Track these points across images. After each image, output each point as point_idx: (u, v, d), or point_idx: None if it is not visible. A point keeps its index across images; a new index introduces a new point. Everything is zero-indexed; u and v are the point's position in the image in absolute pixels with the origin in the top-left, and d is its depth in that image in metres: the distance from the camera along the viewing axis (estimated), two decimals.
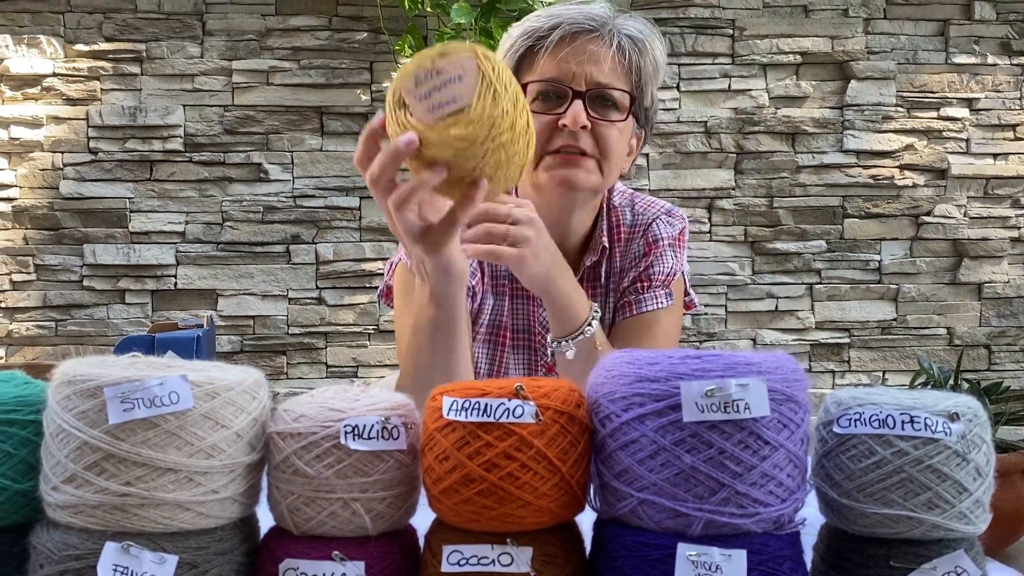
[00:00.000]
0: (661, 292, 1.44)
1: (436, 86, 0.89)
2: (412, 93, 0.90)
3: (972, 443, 0.76)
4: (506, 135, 0.90)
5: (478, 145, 0.89)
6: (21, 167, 3.23)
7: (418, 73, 0.90)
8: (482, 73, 0.89)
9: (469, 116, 0.88)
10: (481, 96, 0.88)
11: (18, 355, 3.23)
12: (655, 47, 1.36)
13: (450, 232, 1.00)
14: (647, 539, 0.74)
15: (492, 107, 0.88)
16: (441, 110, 0.88)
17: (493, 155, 0.90)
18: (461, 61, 0.89)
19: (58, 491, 0.74)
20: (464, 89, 0.88)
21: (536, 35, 1.31)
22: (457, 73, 0.89)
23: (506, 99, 0.89)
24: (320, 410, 0.77)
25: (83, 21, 3.25)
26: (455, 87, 0.89)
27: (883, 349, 3.50)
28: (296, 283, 3.31)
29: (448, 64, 0.89)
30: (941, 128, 3.47)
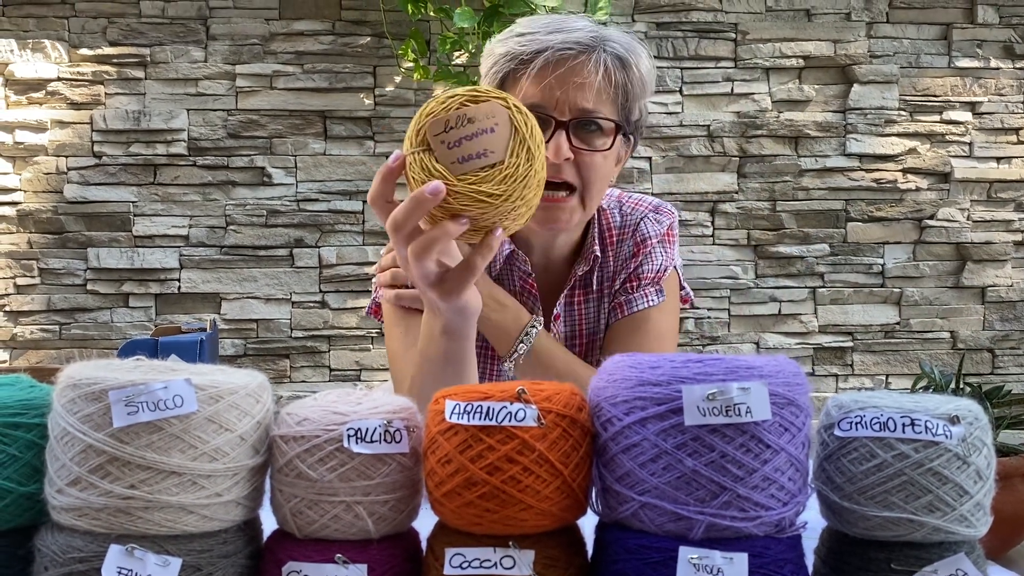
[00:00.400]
0: (651, 290, 1.43)
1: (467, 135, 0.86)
2: (440, 139, 0.86)
3: (973, 446, 0.76)
4: (532, 192, 0.88)
5: (509, 203, 0.87)
6: (25, 171, 3.24)
7: (449, 117, 0.86)
8: (515, 127, 0.86)
9: (503, 173, 0.85)
10: (515, 153, 0.86)
11: (22, 359, 3.24)
12: (641, 62, 1.32)
13: (467, 278, 0.98)
14: (649, 542, 0.74)
15: (525, 166, 0.86)
16: (472, 163, 0.86)
17: (515, 210, 0.89)
18: (494, 111, 0.86)
19: (63, 494, 0.74)
20: (497, 143, 0.86)
21: (518, 58, 1.27)
22: (490, 124, 0.86)
23: (539, 160, 0.87)
24: (323, 413, 0.77)
25: (87, 26, 3.26)
26: (487, 139, 0.86)
27: (886, 353, 3.49)
28: (299, 287, 3.32)
29: (480, 113, 0.86)
30: (944, 132, 3.47)
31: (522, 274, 1.42)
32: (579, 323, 1.46)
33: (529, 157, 0.86)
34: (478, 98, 0.87)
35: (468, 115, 0.86)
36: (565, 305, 1.45)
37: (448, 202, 0.87)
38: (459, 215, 0.88)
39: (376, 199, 0.95)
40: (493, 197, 0.86)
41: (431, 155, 0.87)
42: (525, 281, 1.42)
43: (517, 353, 1.32)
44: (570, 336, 1.46)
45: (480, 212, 0.87)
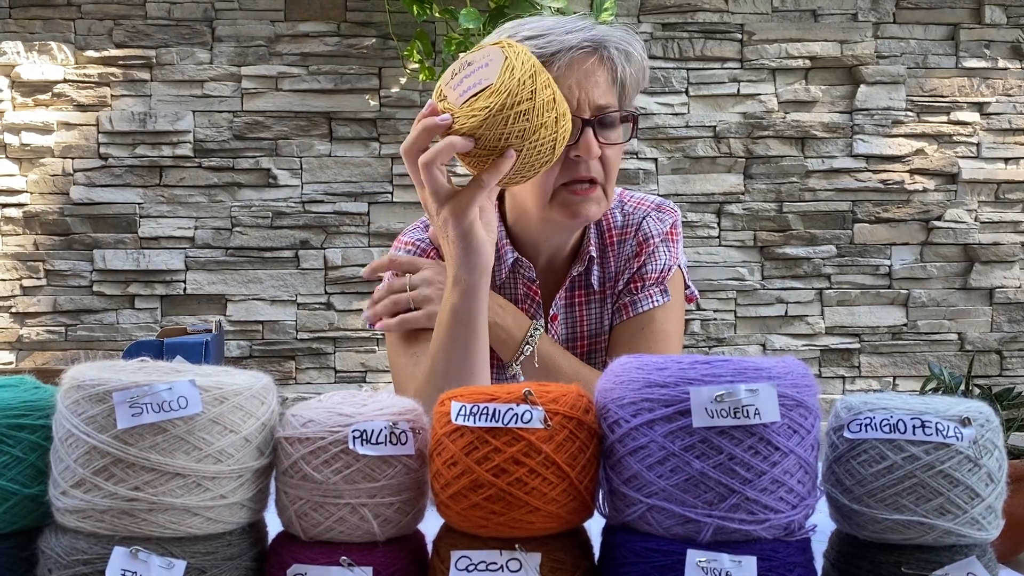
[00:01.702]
0: (655, 290, 1.43)
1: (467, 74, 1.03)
2: (450, 85, 1.04)
3: (984, 448, 0.75)
4: (525, 104, 1.01)
5: (500, 113, 1.00)
6: (32, 173, 3.25)
7: (454, 67, 1.06)
8: (505, 56, 1.02)
9: (492, 90, 1.01)
10: (501, 73, 1.01)
11: (28, 360, 3.24)
12: (641, 53, 1.34)
13: (475, 195, 1.08)
14: (656, 545, 0.73)
15: (509, 79, 1.00)
16: (469, 91, 1.02)
17: (516, 123, 1.01)
18: (488, 52, 1.04)
19: (67, 496, 0.74)
20: (490, 72, 1.02)
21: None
22: (484, 61, 1.03)
23: (522, 71, 1.01)
24: (328, 415, 0.77)
25: (93, 28, 3.27)
26: (482, 72, 1.02)
27: (893, 355, 3.48)
28: (305, 288, 3.32)
29: (477, 55, 1.04)
30: (951, 132, 3.46)
31: (526, 281, 1.42)
32: (580, 324, 1.46)
33: (512, 71, 1.01)
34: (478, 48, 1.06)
35: (468, 60, 1.05)
36: (565, 306, 1.45)
37: (455, 129, 1.03)
38: (467, 136, 1.03)
39: (410, 149, 1.09)
40: (483, 109, 1.01)
41: (446, 101, 1.05)
42: (529, 287, 1.43)
43: (523, 355, 1.33)
44: (570, 337, 1.46)
45: (478, 125, 1.01)
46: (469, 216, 1.09)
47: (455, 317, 1.14)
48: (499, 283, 1.43)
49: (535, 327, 1.34)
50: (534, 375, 1.33)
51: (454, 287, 1.13)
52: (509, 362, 1.34)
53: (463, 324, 1.14)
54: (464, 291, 1.12)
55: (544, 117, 1.02)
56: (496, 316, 1.32)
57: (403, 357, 1.36)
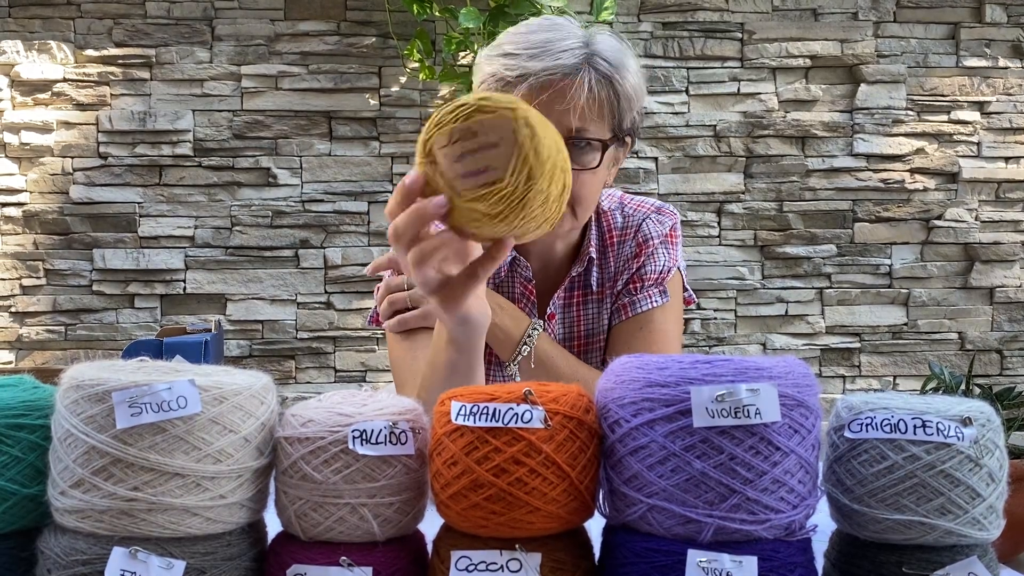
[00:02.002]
0: (655, 291, 1.43)
1: (470, 149, 0.82)
2: (445, 152, 0.83)
3: (985, 448, 0.75)
4: (537, 211, 0.84)
5: (507, 222, 0.83)
6: (31, 172, 3.25)
7: (453, 130, 0.82)
8: (518, 144, 0.81)
9: (500, 192, 0.81)
10: (515, 172, 0.81)
11: (28, 359, 3.24)
12: (628, 75, 1.30)
13: (469, 288, 0.95)
14: (657, 545, 0.73)
15: (525, 183, 0.81)
16: (471, 179, 0.82)
17: (523, 224, 0.84)
18: (499, 125, 0.82)
19: (66, 496, 0.74)
20: (499, 159, 0.81)
21: (505, 81, 1.26)
22: (494, 139, 0.81)
23: (541, 171, 0.82)
24: (328, 415, 0.77)
25: (93, 27, 3.26)
26: (490, 155, 0.82)
27: (894, 354, 3.48)
28: (305, 288, 3.32)
29: (485, 127, 0.82)
30: (952, 131, 3.46)
31: (523, 280, 1.43)
32: (577, 324, 1.46)
33: (530, 176, 0.81)
34: (484, 108, 0.82)
35: (472, 128, 0.82)
36: (563, 306, 1.45)
37: (451, 215, 0.85)
38: (461, 231, 0.86)
39: (393, 211, 0.92)
40: (489, 217, 0.83)
41: (436, 168, 0.84)
42: (525, 287, 1.43)
43: (520, 355, 1.32)
44: (567, 337, 1.46)
45: (477, 229, 0.85)
46: (464, 306, 0.98)
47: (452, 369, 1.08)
48: (496, 282, 1.43)
49: (533, 327, 1.33)
50: (532, 375, 1.32)
51: (450, 345, 1.06)
52: (507, 362, 1.33)
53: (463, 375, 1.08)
54: (462, 349, 1.06)
55: (550, 212, 0.85)
56: (495, 316, 1.31)
57: (402, 353, 1.36)
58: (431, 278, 0.94)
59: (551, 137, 0.84)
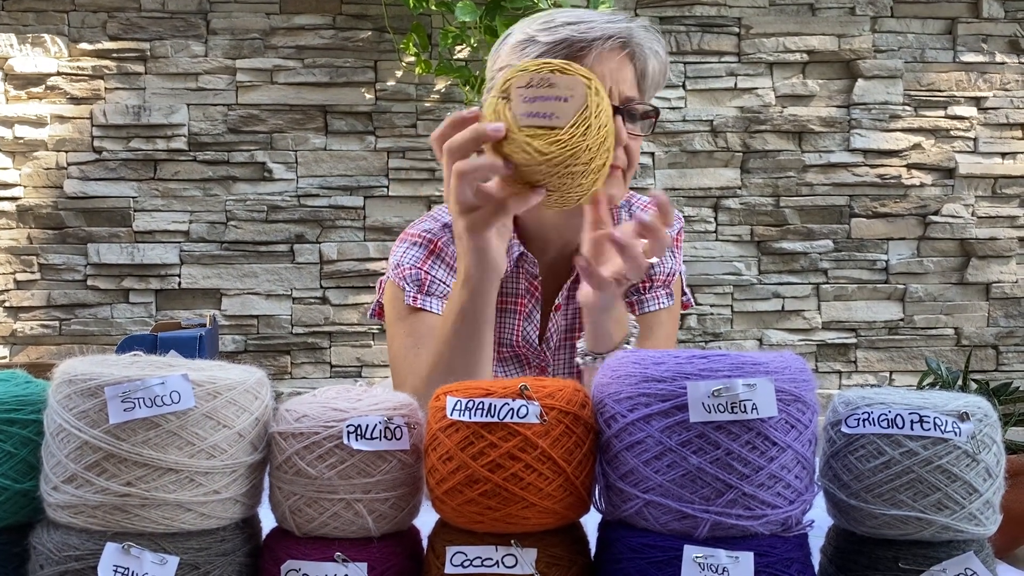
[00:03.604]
0: (662, 292, 1.45)
1: (542, 96, 0.93)
2: (520, 91, 0.94)
3: (982, 443, 0.75)
4: (579, 168, 0.93)
5: (551, 165, 0.92)
6: (25, 166, 3.23)
7: (534, 76, 0.94)
8: (586, 104, 0.92)
9: (556, 137, 0.91)
10: (575, 125, 0.91)
11: (22, 354, 3.23)
12: (662, 52, 1.37)
13: (495, 217, 1.02)
14: (653, 541, 0.73)
15: (580, 138, 0.92)
16: (535, 119, 0.92)
17: (560, 179, 0.94)
18: (574, 84, 0.93)
19: (58, 491, 0.73)
20: (565, 110, 0.92)
21: (579, 45, 1.28)
22: (566, 94, 0.92)
23: (594, 136, 0.92)
24: (322, 410, 0.76)
25: (87, 20, 3.25)
26: (558, 105, 0.92)
27: (890, 349, 3.48)
28: (300, 282, 3.31)
29: (563, 81, 0.93)
30: (949, 127, 3.46)
31: (529, 276, 1.42)
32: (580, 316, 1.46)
33: (587, 132, 0.92)
34: (566, 70, 0.94)
35: (551, 80, 0.93)
36: (568, 297, 1.45)
37: (502, 146, 0.94)
38: (507, 160, 0.95)
39: (438, 138, 1.02)
40: (539, 153, 0.92)
41: (507, 103, 0.94)
42: (530, 283, 1.43)
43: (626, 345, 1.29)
44: (569, 328, 1.46)
45: (524, 163, 0.93)
46: (486, 235, 1.06)
47: (463, 315, 1.13)
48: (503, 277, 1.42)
49: (634, 325, 1.29)
50: None
51: (464, 286, 1.11)
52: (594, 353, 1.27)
53: (470, 322, 1.13)
54: (474, 291, 1.11)
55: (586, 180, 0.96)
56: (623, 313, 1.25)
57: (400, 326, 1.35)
58: (467, 197, 1.02)
59: (609, 114, 0.95)
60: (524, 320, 1.44)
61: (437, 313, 1.35)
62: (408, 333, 1.36)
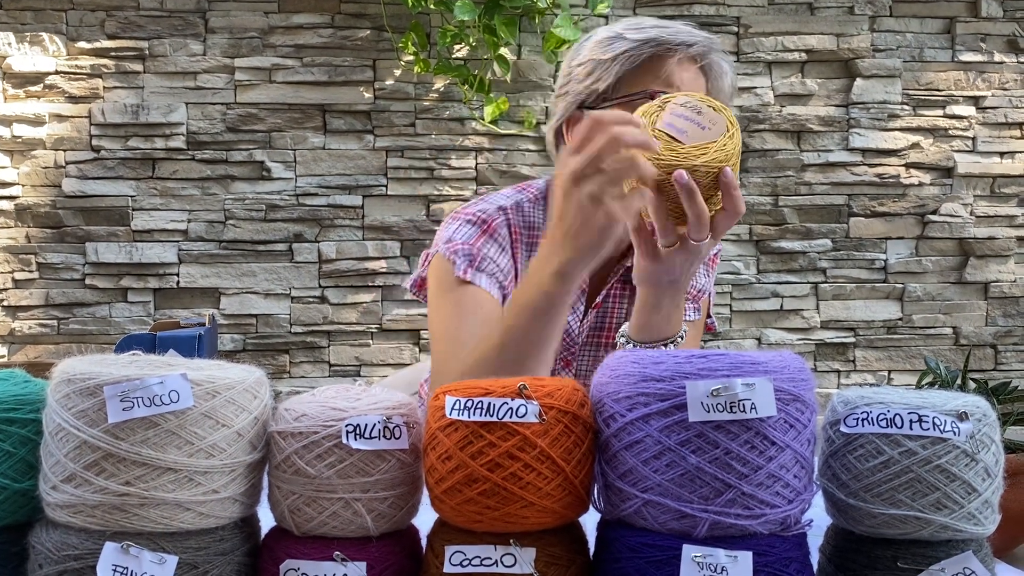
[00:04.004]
0: (691, 306, 1.48)
1: (688, 116, 1.03)
2: (671, 108, 1.03)
3: (981, 443, 0.75)
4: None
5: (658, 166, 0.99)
6: (23, 165, 3.23)
7: (690, 100, 1.04)
8: (720, 134, 1.02)
9: (681, 149, 1.01)
10: (701, 147, 1.01)
11: (20, 353, 3.23)
12: (732, 77, 1.39)
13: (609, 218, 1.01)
14: (652, 540, 0.73)
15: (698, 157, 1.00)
16: (671, 129, 1.02)
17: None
18: (717, 119, 1.03)
19: (57, 490, 0.73)
20: (698, 134, 1.02)
21: (666, 46, 1.31)
22: (707, 124, 1.03)
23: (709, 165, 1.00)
24: (321, 409, 0.76)
25: (85, 19, 3.25)
26: (695, 128, 1.02)
27: (889, 349, 3.48)
28: (299, 282, 3.31)
29: (710, 114, 1.03)
30: (947, 126, 3.46)
31: None
32: (611, 315, 1.48)
33: (704, 155, 1.00)
34: (718, 108, 1.04)
35: (700, 108, 1.03)
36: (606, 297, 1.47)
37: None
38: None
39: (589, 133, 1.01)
40: (657, 157, 1.00)
41: (659, 114, 1.03)
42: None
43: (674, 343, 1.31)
44: (598, 327, 1.48)
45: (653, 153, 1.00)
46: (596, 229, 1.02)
47: (547, 303, 1.07)
48: None
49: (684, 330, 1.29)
50: None
51: (556, 274, 1.05)
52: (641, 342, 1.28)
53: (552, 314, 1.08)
54: (564, 277, 1.05)
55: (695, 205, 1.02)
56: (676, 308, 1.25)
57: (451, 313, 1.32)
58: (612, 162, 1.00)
59: (730, 158, 1.03)
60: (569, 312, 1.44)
61: (486, 290, 1.34)
62: (456, 304, 1.33)
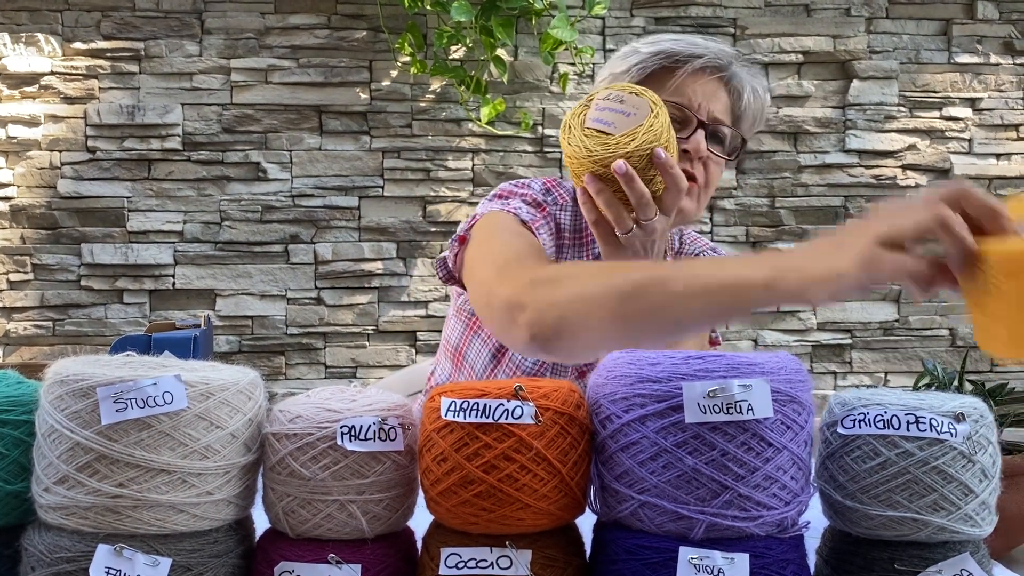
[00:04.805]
0: None
1: (612, 107, 1.07)
2: (596, 102, 1.08)
3: (978, 444, 0.75)
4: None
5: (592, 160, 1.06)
6: (19, 166, 3.22)
7: (610, 91, 1.09)
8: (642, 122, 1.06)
9: (605, 139, 1.06)
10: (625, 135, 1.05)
11: (15, 355, 3.22)
12: (760, 90, 1.40)
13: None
14: (648, 542, 0.73)
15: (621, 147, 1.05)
16: (597, 123, 1.07)
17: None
18: (641, 104, 1.07)
19: (50, 492, 0.73)
20: (624, 123, 1.06)
21: (675, 58, 1.33)
22: (631, 111, 1.07)
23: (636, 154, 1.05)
24: (316, 411, 0.76)
25: (81, 19, 3.24)
26: (620, 117, 1.06)
27: (885, 350, 3.49)
28: (295, 283, 3.30)
29: (632, 100, 1.08)
30: (944, 128, 3.46)
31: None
32: None
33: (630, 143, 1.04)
34: (639, 93, 1.09)
35: (622, 96, 1.08)
36: None
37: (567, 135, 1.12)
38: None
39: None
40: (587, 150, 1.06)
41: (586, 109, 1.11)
42: None
43: None
44: None
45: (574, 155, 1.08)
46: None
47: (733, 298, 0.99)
48: None
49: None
50: None
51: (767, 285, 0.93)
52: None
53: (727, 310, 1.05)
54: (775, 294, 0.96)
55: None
56: None
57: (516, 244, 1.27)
58: None
59: (666, 141, 1.06)
60: (593, 255, 1.43)
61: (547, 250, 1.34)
62: (518, 233, 1.29)
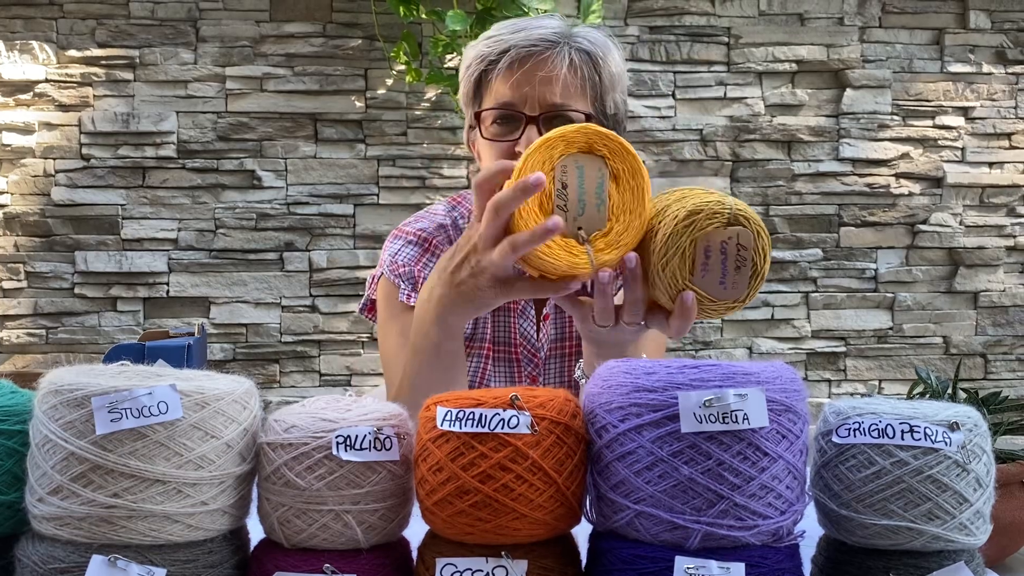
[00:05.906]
0: None
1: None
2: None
3: (972, 453, 0.75)
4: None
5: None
6: (12, 173, 3.22)
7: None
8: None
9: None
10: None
11: (8, 363, 3.21)
12: (610, 56, 1.33)
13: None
14: (644, 552, 0.73)
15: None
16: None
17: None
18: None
19: (44, 503, 0.72)
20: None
21: (487, 60, 1.31)
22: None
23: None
24: (311, 420, 0.76)
25: (76, 27, 3.24)
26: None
27: (879, 358, 3.49)
28: (289, 291, 3.30)
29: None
30: (937, 137, 3.48)
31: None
32: (570, 325, 1.45)
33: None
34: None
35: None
36: (556, 307, 1.44)
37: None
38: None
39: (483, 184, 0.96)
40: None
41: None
42: None
43: None
44: (559, 338, 1.45)
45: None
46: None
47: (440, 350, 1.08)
48: None
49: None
50: None
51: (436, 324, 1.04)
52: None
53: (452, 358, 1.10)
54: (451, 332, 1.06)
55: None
56: None
57: (392, 325, 1.34)
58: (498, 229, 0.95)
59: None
60: (519, 317, 1.43)
61: None
62: (400, 332, 1.35)
